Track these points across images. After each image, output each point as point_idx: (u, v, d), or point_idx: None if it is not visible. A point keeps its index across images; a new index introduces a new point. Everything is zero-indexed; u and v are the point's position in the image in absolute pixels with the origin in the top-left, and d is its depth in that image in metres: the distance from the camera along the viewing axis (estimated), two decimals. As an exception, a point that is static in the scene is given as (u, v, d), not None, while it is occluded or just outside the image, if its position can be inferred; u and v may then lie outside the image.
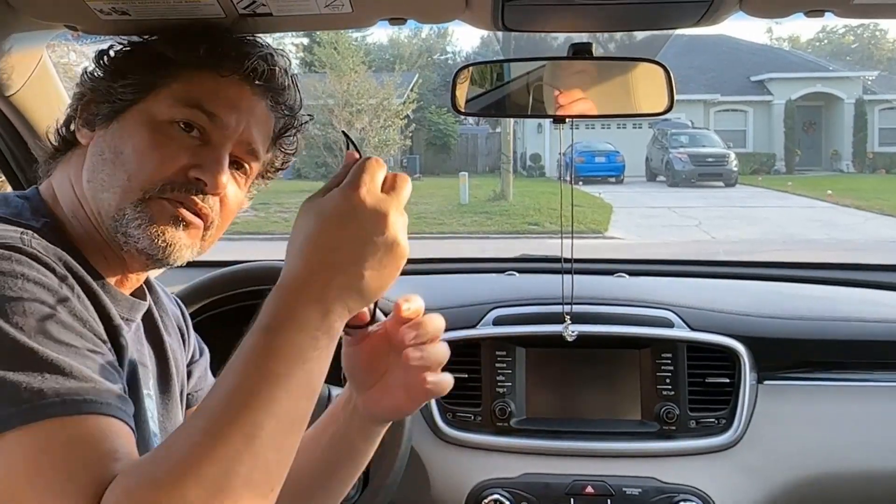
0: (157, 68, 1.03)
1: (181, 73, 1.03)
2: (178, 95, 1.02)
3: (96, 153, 1.03)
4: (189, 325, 1.32)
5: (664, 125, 23.19)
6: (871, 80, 28.10)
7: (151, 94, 1.03)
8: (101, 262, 1.03)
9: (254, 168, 1.10)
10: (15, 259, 0.83)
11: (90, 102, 1.05)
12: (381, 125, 20.17)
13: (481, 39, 39.25)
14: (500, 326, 1.87)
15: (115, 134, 1.02)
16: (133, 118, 1.02)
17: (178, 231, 1.02)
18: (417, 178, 23.21)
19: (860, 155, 26.19)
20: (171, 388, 1.18)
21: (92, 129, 1.05)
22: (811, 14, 1.16)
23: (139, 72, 1.03)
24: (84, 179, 1.03)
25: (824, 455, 1.78)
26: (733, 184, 21.39)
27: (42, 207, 1.04)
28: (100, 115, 1.04)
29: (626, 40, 1.82)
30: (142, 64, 1.04)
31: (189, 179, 1.01)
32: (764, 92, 27.20)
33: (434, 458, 1.81)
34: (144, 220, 1.00)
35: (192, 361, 1.29)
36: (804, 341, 1.87)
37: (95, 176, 1.02)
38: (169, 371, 1.18)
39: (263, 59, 1.06)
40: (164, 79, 1.03)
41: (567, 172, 14.26)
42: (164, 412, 1.15)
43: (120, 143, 1.01)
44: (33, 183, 1.64)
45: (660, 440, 1.77)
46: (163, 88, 1.02)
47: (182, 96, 1.02)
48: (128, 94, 1.03)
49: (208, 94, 1.02)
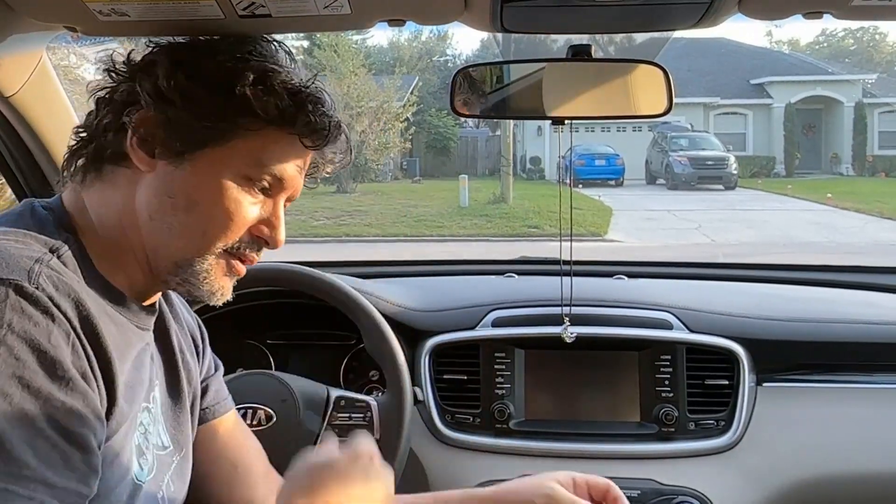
0: (239, 116, 0.97)
1: (263, 129, 0.99)
2: (255, 154, 0.99)
3: (164, 192, 0.97)
4: (205, 337, 1.30)
5: (664, 128, 23.21)
6: (870, 84, 28.11)
7: (230, 143, 0.98)
8: (123, 279, 1.01)
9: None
10: (10, 302, 0.81)
11: (155, 124, 0.97)
12: (381, 128, 20.17)
13: (481, 42, 39.36)
14: (499, 328, 1.87)
15: (188, 179, 0.97)
16: (208, 167, 0.97)
17: (229, 281, 1.04)
18: (417, 180, 23.26)
19: (860, 158, 26.19)
20: (182, 397, 1.16)
21: (152, 155, 0.97)
22: (809, 16, 1.15)
23: (221, 115, 0.96)
24: (145, 214, 0.98)
25: (823, 457, 1.78)
26: (733, 187, 21.38)
27: (66, 221, 0.99)
28: (168, 146, 0.97)
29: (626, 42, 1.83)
30: (224, 106, 0.96)
31: (253, 236, 1.02)
32: (763, 95, 27.21)
33: (433, 460, 1.80)
34: (208, 275, 1.00)
35: (209, 376, 1.28)
36: (803, 343, 1.87)
37: (163, 218, 0.98)
38: (179, 380, 1.16)
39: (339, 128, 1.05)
40: (243, 129, 0.98)
41: (567, 175, 14.27)
42: (175, 422, 1.14)
43: (194, 192, 0.97)
44: (33, 185, 1.67)
45: (659, 442, 1.77)
46: (240, 140, 0.98)
47: (261, 155, 0.99)
48: (205, 135, 0.97)
49: (282, 157, 1.01)
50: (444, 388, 1.84)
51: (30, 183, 1.67)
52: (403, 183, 23.35)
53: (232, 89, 0.96)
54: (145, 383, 1.06)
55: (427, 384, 1.82)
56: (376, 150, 19.97)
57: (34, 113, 1.54)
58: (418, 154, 26.70)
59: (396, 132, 20.72)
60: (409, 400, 1.65)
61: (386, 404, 1.64)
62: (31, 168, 1.64)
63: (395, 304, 1.90)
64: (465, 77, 1.49)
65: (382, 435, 1.62)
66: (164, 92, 0.96)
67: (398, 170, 25.22)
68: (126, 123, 0.97)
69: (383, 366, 1.67)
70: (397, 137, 20.83)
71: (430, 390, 1.82)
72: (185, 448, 1.15)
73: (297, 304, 1.68)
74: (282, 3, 1.08)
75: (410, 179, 24.19)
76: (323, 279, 1.71)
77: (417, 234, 13.93)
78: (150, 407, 1.07)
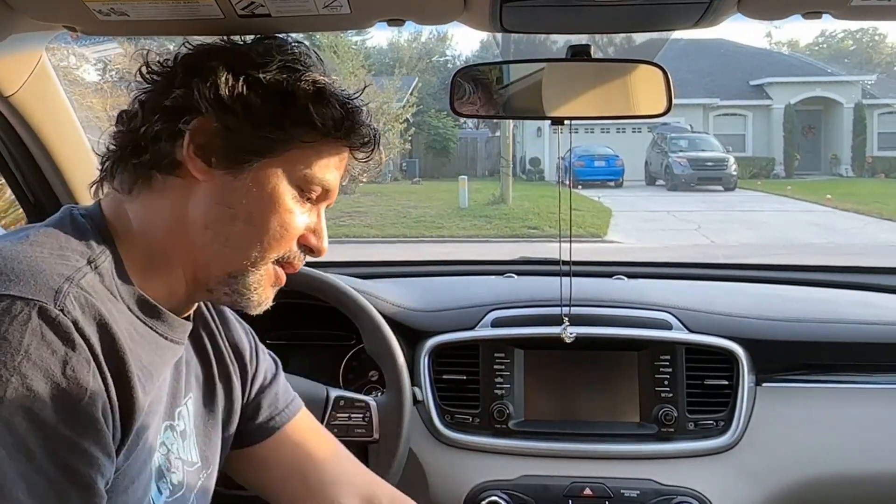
0: (298, 127, 0.98)
1: (318, 141, 0.99)
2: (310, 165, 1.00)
3: (222, 202, 0.96)
4: (257, 347, 1.27)
5: (663, 129, 23.21)
6: (870, 84, 28.13)
7: (286, 154, 0.98)
8: (162, 291, 0.99)
9: None
10: (31, 326, 0.79)
11: (214, 133, 0.95)
12: (381, 129, 19.94)
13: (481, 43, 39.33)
14: (499, 328, 1.87)
15: (247, 190, 0.96)
16: (265, 178, 0.97)
17: (273, 291, 1.04)
18: (417, 181, 23.25)
19: (859, 159, 26.20)
20: (216, 410, 1.15)
21: (209, 164, 0.96)
22: (809, 16, 1.16)
23: (280, 126, 0.97)
24: (200, 224, 0.97)
25: (823, 457, 1.78)
26: (733, 188, 21.38)
27: (105, 230, 0.97)
28: (227, 155, 0.96)
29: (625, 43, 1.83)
30: (284, 117, 0.97)
31: (300, 245, 1.03)
32: (763, 96, 27.22)
33: (432, 460, 1.80)
34: (259, 285, 1.01)
35: (262, 389, 1.24)
36: (803, 343, 1.87)
37: (221, 229, 0.97)
38: (214, 393, 1.15)
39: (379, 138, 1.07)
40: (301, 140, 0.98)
41: (566, 176, 14.28)
42: (205, 437, 1.13)
43: (252, 205, 0.97)
44: (34, 186, 1.66)
45: (658, 442, 1.77)
46: (296, 151, 0.98)
47: (313, 167, 1.00)
48: (264, 146, 0.97)
49: (333, 168, 1.03)
50: (444, 389, 1.84)
51: (29, 183, 1.67)
52: (403, 184, 23.34)
53: (292, 101, 0.96)
54: (174, 398, 1.04)
55: (426, 384, 1.82)
56: (376, 151, 19.96)
57: (34, 113, 1.54)
58: (418, 155, 26.69)
59: (396, 133, 20.70)
60: (409, 400, 1.65)
61: (385, 404, 1.64)
62: (30, 168, 1.64)
63: (394, 304, 1.90)
64: (465, 77, 1.49)
65: (382, 435, 1.62)
66: (224, 101, 0.94)
67: (398, 171, 25.20)
68: (182, 131, 0.95)
69: (383, 366, 1.68)
70: (397, 138, 20.79)
71: (430, 390, 1.82)
72: (212, 465, 1.14)
73: (297, 305, 1.67)
74: (281, 3, 1.08)
75: (410, 180, 24.18)
76: (323, 279, 1.71)
77: (417, 235, 13.93)
78: (176, 424, 1.05)
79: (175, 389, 1.05)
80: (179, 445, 1.05)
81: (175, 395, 1.05)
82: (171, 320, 1.00)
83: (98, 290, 0.88)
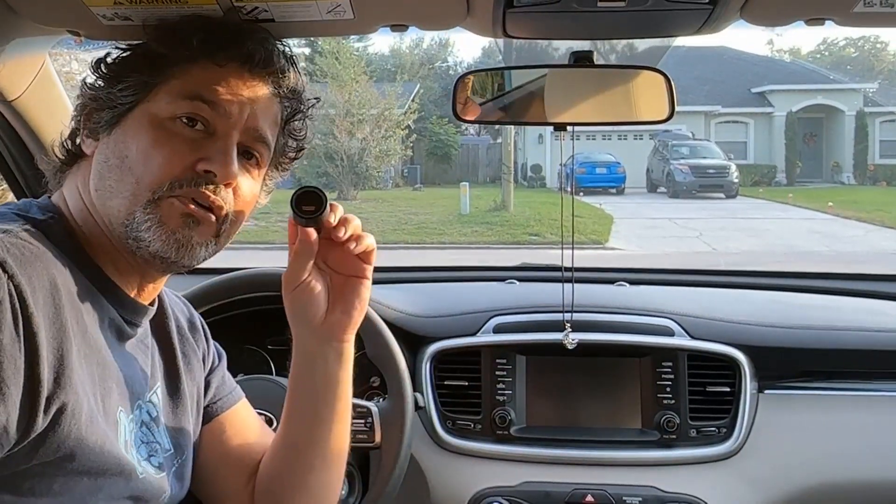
0: (154, 67, 1.02)
1: (177, 69, 1.02)
2: (176, 90, 1.01)
3: (101, 161, 1.02)
4: (207, 331, 1.30)
5: (665, 137, 23.22)
6: (872, 92, 28.14)
7: (151, 94, 1.01)
8: (111, 271, 1.02)
9: (265, 156, 1.09)
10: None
11: (92, 112, 1.04)
12: (383, 135, 20.19)
13: (483, 49, 39.39)
14: (501, 334, 1.87)
15: (119, 139, 1.01)
16: (135, 120, 1.01)
17: (189, 230, 1.01)
18: (418, 188, 23.27)
19: (861, 167, 26.19)
20: (182, 398, 1.16)
21: (96, 138, 1.03)
22: (811, 22, 1.16)
23: (136, 73, 1.02)
24: (91, 188, 1.02)
25: (825, 465, 1.78)
26: (734, 195, 21.39)
27: (53, 208, 1.03)
28: (102, 122, 1.02)
29: (627, 49, 1.83)
30: (138, 65, 1.03)
31: (198, 173, 1.00)
32: (765, 103, 27.23)
33: (434, 466, 1.80)
34: (154, 222, 0.98)
35: (211, 370, 1.27)
36: (805, 350, 1.86)
37: (102, 183, 1.00)
38: (179, 381, 1.17)
39: (260, 44, 1.05)
40: (161, 76, 1.02)
41: (568, 183, 14.27)
42: (176, 424, 1.14)
43: (124, 148, 1.00)
44: (35, 188, 1.67)
45: (660, 449, 1.77)
46: (161, 86, 1.01)
47: (181, 90, 1.01)
48: (127, 97, 1.01)
49: (207, 85, 1.01)
50: (445, 394, 1.83)
51: (31, 186, 1.67)
52: (404, 190, 23.37)
53: (144, 48, 1.05)
54: (143, 383, 1.06)
55: (428, 390, 1.82)
56: (377, 158, 20.00)
57: (36, 117, 1.54)
58: (419, 161, 26.72)
59: (397, 139, 20.75)
60: (410, 406, 1.65)
61: (387, 410, 1.64)
62: (33, 172, 1.65)
63: (396, 309, 1.90)
64: (467, 83, 1.50)
65: (383, 441, 1.62)
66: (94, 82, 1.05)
67: (399, 177, 25.23)
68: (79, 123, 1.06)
69: (384, 371, 1.67)
70: (398, 145, 20.85)
71: (431, 396, 1.82)
72: (185, 450, 1.15)
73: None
74: (284, 8, 1.09)
75: (411, 187, 24.22)
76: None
77: (418, 242, 13.93)
78: (149, 410, 1.06)
79: (144, 375, 1.07)
80: (153, 432, 1.06)
81: (144, 380, 1.07)
82: (126, 300, 1.03)
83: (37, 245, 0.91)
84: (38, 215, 0.98)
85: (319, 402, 1.17)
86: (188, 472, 1.16)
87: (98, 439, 0.91)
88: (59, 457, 0.87)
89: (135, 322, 1.06)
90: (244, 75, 1.04)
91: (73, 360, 0.88)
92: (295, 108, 1.13)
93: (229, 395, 1.29)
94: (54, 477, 0.88)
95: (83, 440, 0.88)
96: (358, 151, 19.66)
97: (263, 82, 1.06)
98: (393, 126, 20.42)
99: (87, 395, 0.90)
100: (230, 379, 1.33)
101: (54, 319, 0.87)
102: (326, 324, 1.12)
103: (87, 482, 0.90)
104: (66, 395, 0.86)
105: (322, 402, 1.17)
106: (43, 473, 0.87)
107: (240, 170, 1.04)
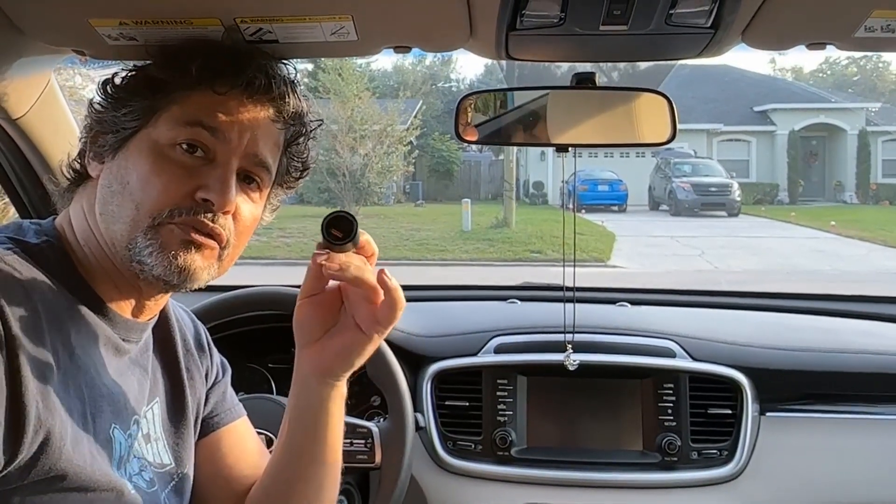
0: (155, 92, 1.02)
1: (178, 95, 1.02)
2: (177, 117, 1.01)
3: (105, 185, 1.02)
4: (212, 346, 1.30)
5: (667, 154, 23.23)
6: (874, 112, 28.17)
7: (153, 120, 1.02)
8: (111, 290, 1.03)
9: (266, 180, 1.09)
10: None
11: (98, 135, 1.05)
12: (385, 151, 20.21)
13: (485, 67, 39.48)
14: (502, 354, 1.87)
15: (122, 164, 1.02)
16: (136, 146, 1.02)
17: (191, 254, 1.01)
18: (420, 204, 23.28)
19: (863, 186, 26.20)
20: (185, 413, 1.17)
21: (101, 161, 1.05)
22: (813, 46, 1.16)
23: (139, 98, 1.03)
24: (96, 212, 1.03)
25: (827, 488, 1.77)
26: (736, 214, 21.38)
27: (50, 231, 1.04)
28: (107, 146, 1.04)
29: (629, 70, 1.84)
30: (140, 90, 1.04)
31: (197, 201, 1.00)
32: (767, 122, 27.27)
33: (434, 487, 1.79)
34: (156, 248, 0.99)
35: (213, 385, 1.27)
36: (807, 373, 1.86)
37: (106, 208, 1.01)
38: (183, 396, 1.17)
39: (260, 70, 1.05)
40: (162, 102, 1.02)
41: (570, 200, 14.27)
42: (177, 439, 1.15)
43: (125, 174, 1.01)
44: (39, 207, 1.67)
45: (661, 471, 1.76)
46: (163, 112, 1.02)
47: (181, 116, 1.01)
48: (130, 122, 1.02)
49: (207, 112, 1.02)
50: (446, 415, 1.83)
51: (34, 204, 1.68)
52: (406, 206, 23.37)
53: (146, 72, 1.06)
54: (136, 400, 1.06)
55: (429, 410, 1.81)
56: (379, 174, 19.99)
57: (41, 135, 1.55)
58: (421, 177, 26.75)
59: (400, 155, 20.76)
60: (411, 426, 1.64)
61: (387, 430, 1.63)
62: (36, 190, 1.65)
63: (397, 328, 1.89)
64: (470, 103, 1.50)
65: (383, 461, 1.61)
66: (100, 103, 1.06)
67: (401, 193, 25.25)
68: (85, 144, 1.07)
69: (385, 391, 1.67)
70: (400, 161, 20.85)
71: (432, 416, 1.81)
72: (186, 465, 1.15)
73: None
74: (289, 30, 1.09)
75: (413, 203, 24.23)
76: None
77: (419, 258, 13.91)
78: (140, 426, 1.06)
79: (141, 391, 1.07)
80: (143, 448, 1.06)
81: (141, 396, 1.07)
82: (118, 319, 1.03)
83: (23, 268, 0.92)
84: (32, 239, 0.99)
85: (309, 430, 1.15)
86: (188, 487, 1.16)
87: (86, 460, 0.91)
88: (51, 476, 0.87)
89: (130, 339, 1.06)
90: (244, 101, 1.04)
91: (57, 384, 0.89)
92: (297, 131, 1.13)
93: (228, 411, 1.29)
94: (47, 493, 0.88)
95: (71, 461, 0.89)
96: (360, 167, 19.66)
97: (264, 108, 1.06)
98: (395, 142, 20.43)
99: (72, 418, 0.90)
100: (232, 395, 1.32)
101: (36, 344, 0.87)
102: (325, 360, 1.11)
103: (80, 498, 0.91)
104: (50, 422, 0.87)
105: (313, 430, 1.15)
106: (35, 490, 0.88)
107: (240, 194, 1.04)
